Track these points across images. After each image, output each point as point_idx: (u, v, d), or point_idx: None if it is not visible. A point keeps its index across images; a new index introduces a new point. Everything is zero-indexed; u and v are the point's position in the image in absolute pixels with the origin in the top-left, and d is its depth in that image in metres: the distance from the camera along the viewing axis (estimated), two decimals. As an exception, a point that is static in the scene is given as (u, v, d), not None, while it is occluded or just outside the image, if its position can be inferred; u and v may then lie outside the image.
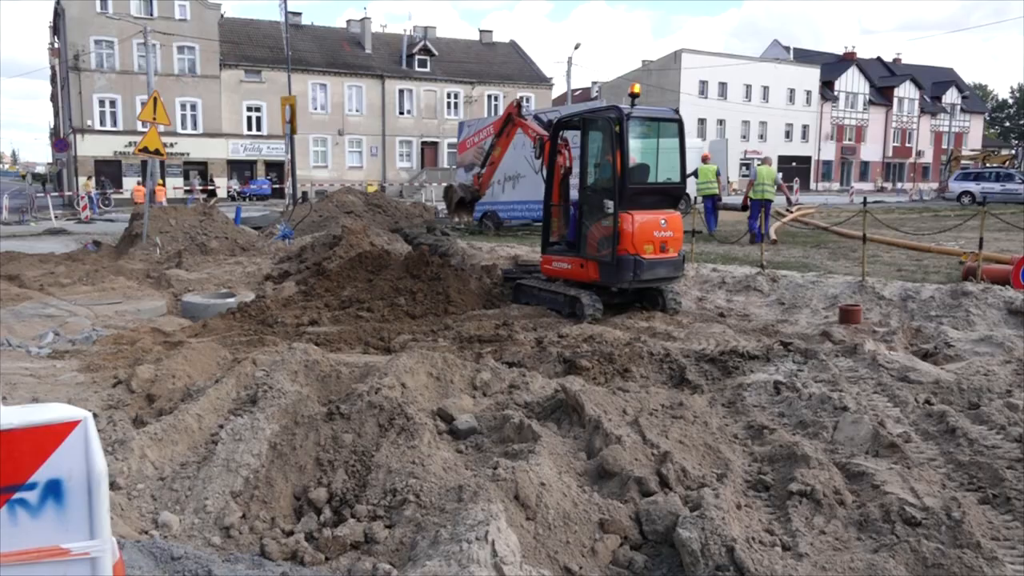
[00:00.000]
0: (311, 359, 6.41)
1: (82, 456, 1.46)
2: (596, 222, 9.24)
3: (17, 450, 1.43)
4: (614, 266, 8.94)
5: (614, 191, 8.89)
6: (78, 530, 1.46)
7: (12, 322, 10.15)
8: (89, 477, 1.47)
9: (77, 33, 46.21)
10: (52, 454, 1.44)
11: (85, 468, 1.47)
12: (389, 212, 20.74)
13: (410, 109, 56.72)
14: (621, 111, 8.95)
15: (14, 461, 1.42)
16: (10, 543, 1.42)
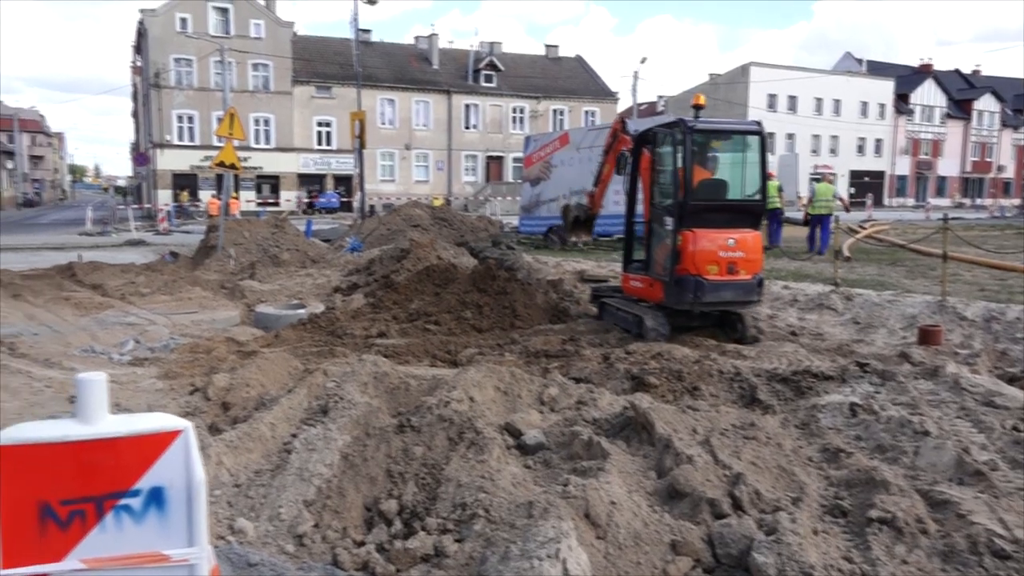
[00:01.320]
0: (380, 371, 6.48)
1: (183, 465, 1.51)
2: (661, 240, 8.94)
3: (123, 458, 1.48)
4: (674, 286, 8.55)
5: (674, 207, 8.56)
6: (178, 537, 1.50)
7: (96, 329, 10.56)
8: (189, 485, 1.51)
9: (158, 52, 48.06)
10: (155, 462, 1.49)
11: (185, 476, 1.51)
12: (455, 226, 20.93)
13: (476, 124, 57.25)
14: (684, 123, 8.57)
15: (120, 468, 1.47)
16: (115, 548, 1.47)
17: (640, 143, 9.61)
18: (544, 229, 22.79)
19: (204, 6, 48.82)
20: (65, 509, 1.45)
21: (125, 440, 1.49)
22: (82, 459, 1.45)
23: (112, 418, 1.53)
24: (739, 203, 8.84)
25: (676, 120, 8.95)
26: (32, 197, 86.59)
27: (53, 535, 1.45)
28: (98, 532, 1.48)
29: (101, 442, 1.47)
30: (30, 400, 6.21)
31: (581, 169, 21.89)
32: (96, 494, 1.47)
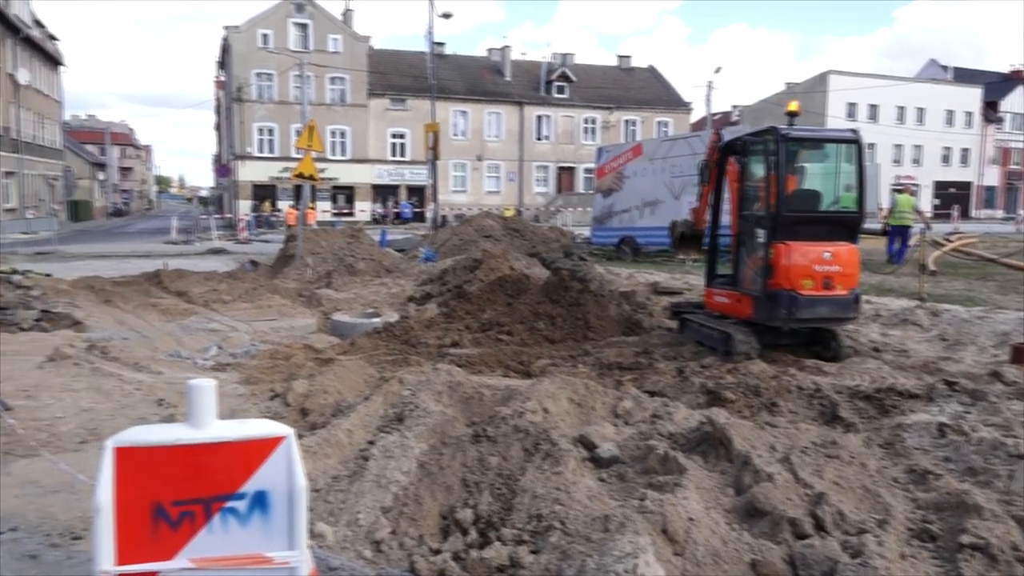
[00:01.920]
0: (455, 380, 6.53)
1: (285, 470, 1.56)
2: (750, 254, 8.59)
3: (230, 462, 1.54)
4: (765, 302, 8.18)
5: (767, 219, 8.22)
6: (279, 540, 1.55)
7: (181, 335, 10.93)
8: (291, 490, 1.56)
9: (241, 67, 49.67)
10: (260, 467, 1.55)
11: (288, 482, 1.56)
12: (526, 236, 20.99)
13: (547, 135, 57.39)
14: (777, 131, 8.20)
15: (227, 472, 1.53)
16: (221, 548, 1.53)
17: (726, 153, 9.35)
18: (616, 240, 22.69)
19: (285, 22, 50.28)
20: (176, 510, 1.51)
21: (232, 445, 1.54)
22: (192, 462, 1.52)
23: (220, 423, 1.58)
24: (835, 215, 8.46)
25: (768, 128, 8.62)
26: (121, 207, 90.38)
27: (164, 534, 1.51)
28: (206, 533, 1.54)
29: (210, 446, 1.53)
30: (121, 402, 6.46)
31: (654, 180, 21.74)
32: (205, 496, 1.53)
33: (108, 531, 1.47)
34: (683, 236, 10.60)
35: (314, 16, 50.93)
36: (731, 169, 9.24)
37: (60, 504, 4.19)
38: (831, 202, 8.56)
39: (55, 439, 5.31)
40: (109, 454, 1.50)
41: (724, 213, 9.73)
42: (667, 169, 21.30)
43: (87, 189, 71.42)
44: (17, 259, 22.41)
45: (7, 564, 3.49)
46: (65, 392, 6.61)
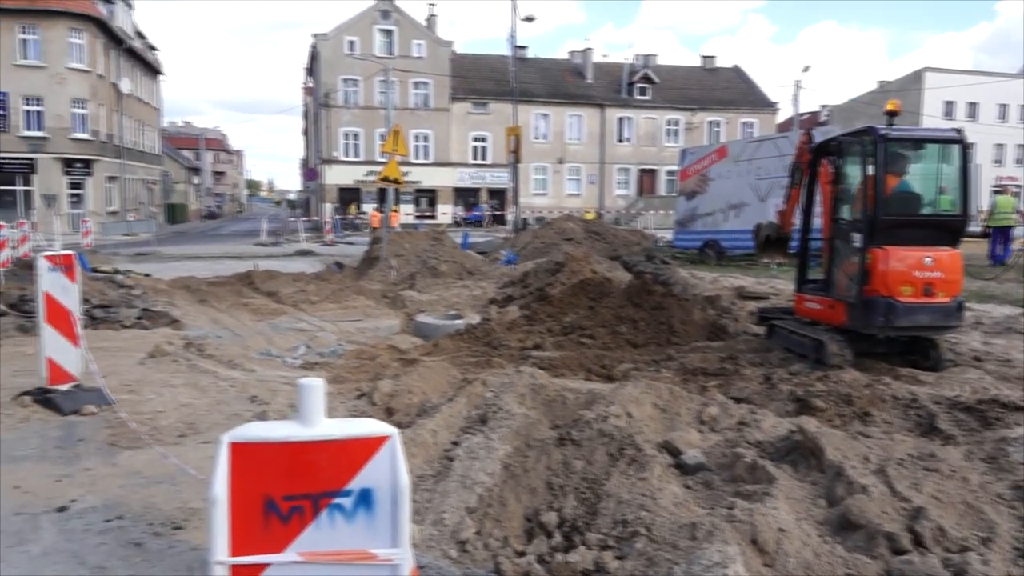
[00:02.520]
0: (537, 383, 6.54)
1: (389, 469, 1.59)
2: (845, 258, 8.25)
3: (338, 459, 1.58)
4: (861, 308, 7.85)
5: (864, 223, 7.88)
6: (383, 538, 1.59)
7: (271, 334, 11.28)
8: (395, 489, 1.59)
9: (328, 73, 50.97)
10: (365, 465, 1.59)
11: (391, 480, 1.60)
12: (608, 239, 20.88)
13: (629, 137, 56.98)
14: (875, 131, 7.86)
15: (334, 469, 1.58)
16: (328, 543, 1.58)
17: (819, 154, 9.04)
18: (700, 243, 22.35)
19: (370, 29, 51.38)
20: (286, 504, 1.57)
21: (340, 443, 1.59)
22: (302, 459, 1.57)
23: (328, 422, 1.63)
24: (937, 218, 8.08)
25: (866, 128, 8.28)
26: (214, 210, 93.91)
27: (275, 528, 1.57)
28: (314, 528, 1.59)
29: (319, 444, 1.58)
30: (217, 398, 6.70)
31: (739, 182, 21.33)
32: (313, 492, 1.58)
33: (223, 523, 1.53)
34: (768, 239, 10.33)
35: (399, 22, 51.87)
36: (824, 171, 8.92)
37: (162, 495, 4.38)
38: (932, 205, 8.15)
39: (156, 432, 5.54)
40: (224, 449, 1.57)
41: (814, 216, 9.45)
42: (753, 171, 20.87)
43: (183, 193, 74.49)
44: (119, 259, 23.53)
45: (113, 551, 3.67)
46: (165, 387, 6.89)
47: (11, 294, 12.29)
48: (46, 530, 3.91)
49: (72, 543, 3.74)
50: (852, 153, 8.46)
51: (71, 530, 3.90)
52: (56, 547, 3.71)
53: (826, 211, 8.84)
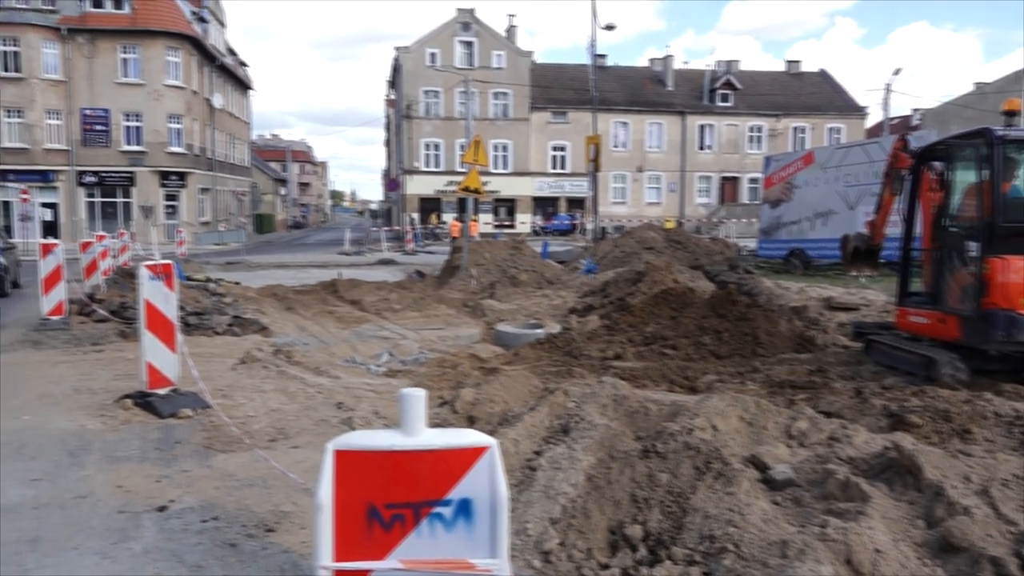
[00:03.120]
0: (620, 394, 6.48)
1: (489, 479, 1.60)
2: (957, 269, 7.81)
3: (438, 469, 1.60)
4: (978, 322, 7.36)
5: (980, 230, 7.42)
6: (482, 548, 1.60)
7: (355, 341, 11.52)
8: (494, 499, 1.60)
9: (410, 85, 51.91)
10: (465, 475, 1.60)
11: (490, 490, 1.61)
12: (689, 248, 20.59)
13: (710, 144, 56.15)
14: (991, 133, 7.42)
15: (435, 478, 1.60)
16: (428, 552, 1.60)
17: (923, 158, 8.60)
18: (785, 252, 21.82)
19: (451, 41, 52.12)
20: (388, 512, 1.60)
21: (441, 452, 1.61)
22: (404, 467, 1.59)
23: (430, 431, 1.66)
24: None
25: (980, 130, 7.81)
26: (299, 220, 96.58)
27: (377, 535, 1.60)
28: (415, 536, 1.61)
29: (421, 453, 1.60)
30: (305, 404, 6.88)
31: (827, 190, 20.75)
32: (414, 501, 1.61)
33: (327, 529, 1.57)
34: (856, 251, 9.87)
35: (479, 34, 52.46)
36: (927, 176, 8.48)
37: (255, 497, 4.51)
38: None
39: (248, 436, 5.72)
40: (329, 456, 1.61)
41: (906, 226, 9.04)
42: (841, 178, 20.28)
43: (270, 203, 76.90)
44: (210, 268, 24.42)
45: (210, 551, 3.79)
46: (256, 392, 7.11)
47: (112, 301, 12.91)
48: (147, 528, 4.08)
49: (172, 542, 3.89)
50: (963, 157, 8.00)
51: (170, 529, 4.05)
52: (157, 545, 3.86)
53: (927, 219, 8.41)
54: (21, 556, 3.80)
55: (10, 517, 4.29)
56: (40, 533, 4.06)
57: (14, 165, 41.25)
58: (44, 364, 8.96)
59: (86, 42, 41.90)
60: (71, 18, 41.62)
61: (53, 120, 41.85)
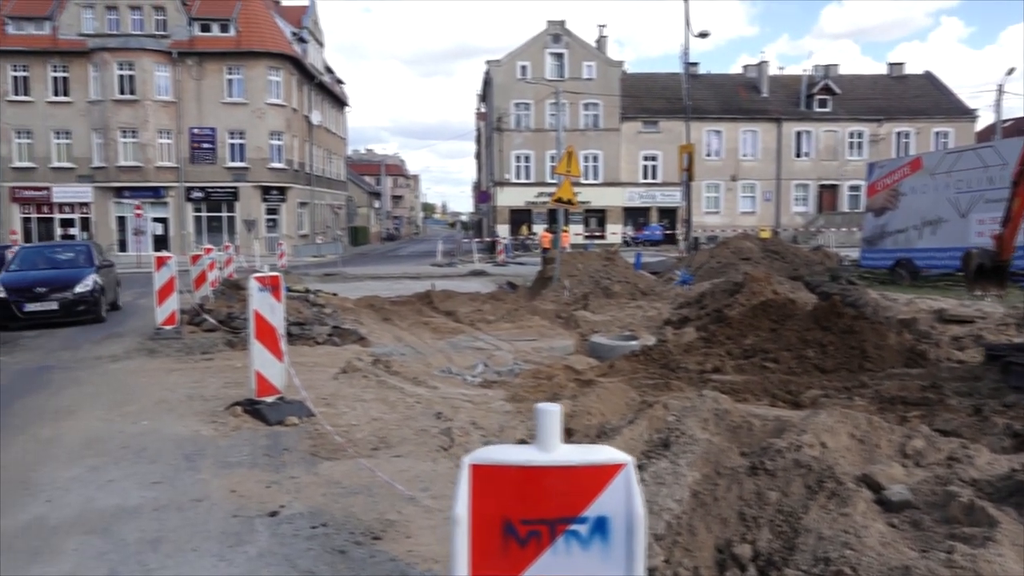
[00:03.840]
0: (721, 408, 6.32)
1: (625, 497, 1.58)
2: None
3: (574, 485, 1.59)
4: None
5: None
6: (617, 567, 1.57)
7: (450, 352, 11.64)
8: (630, 518, 1.58)
9: (501, 98, 52.41)
10: (601, 493, 1.58)
11: (627, 509, 1.58)
12: (787, 259, 20.01)
13: (807, 151, 54.59)
14: None
15: (571, 495, 1.59)
16: (563, 570, 1.58)
17: None
18: (890, 263, 20.94)
19: (542, 53, 52.40)
20: (524, 528, 1.59)
21: (577, 469, 1.60)
22: (540, 483, 1.59)
23: (566, 447, 1.64)
24: None
25: None
26: (393, 232, 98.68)
27: (513, 551, 1.59)
28: (550, 554, 1.60)
29: (557, 469, 1.59)
30: (405, 413, 6.98)
31: (936, 197, 19.83)
32: (550, 517, 1.59)
33: (463, 544, 1.57)
34: (981, 269, 9.20)
35: (569, 45, 52.57)
36: None
37: (360, 505, 4.59)
38: None
39: (352, 445, 5.84)
40: (466, 470, 1.61)
41: None
42: (952, 184, 19.35)
43: (365, 216, 78.85)
44: (309, 279, 25.17)
45: (320, 556, 3.88)
46: (357, 402, 7.26)
47: (220, 311, 13.45)
48: (260, 533, 4.20)
49: (284, 547, 4.00)
50: None
51: (282, 534, 4.17)
52: (270, 550, 3.98)
53: None
54: (144, 556, 3.98)
55: (133, 518, 4.50)
56: (161, 534, 4.24)
57: (129, 182, 43.64)
58: (159, 372, 9.41)
59: (194, 64, 44.04)
60: (181, 42, 43.83)
61: (164, 139, 44.09)
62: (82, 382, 8.93)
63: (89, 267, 15.52)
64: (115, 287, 17.36)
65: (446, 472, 5.27)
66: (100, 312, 14.99)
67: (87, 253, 16.33)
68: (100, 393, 8.23)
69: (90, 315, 14.67)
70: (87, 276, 15.02)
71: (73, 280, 14.77)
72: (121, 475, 5.31)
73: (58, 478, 5.30)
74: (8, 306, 14.02)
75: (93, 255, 16.21)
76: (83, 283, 14.77)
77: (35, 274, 15.16)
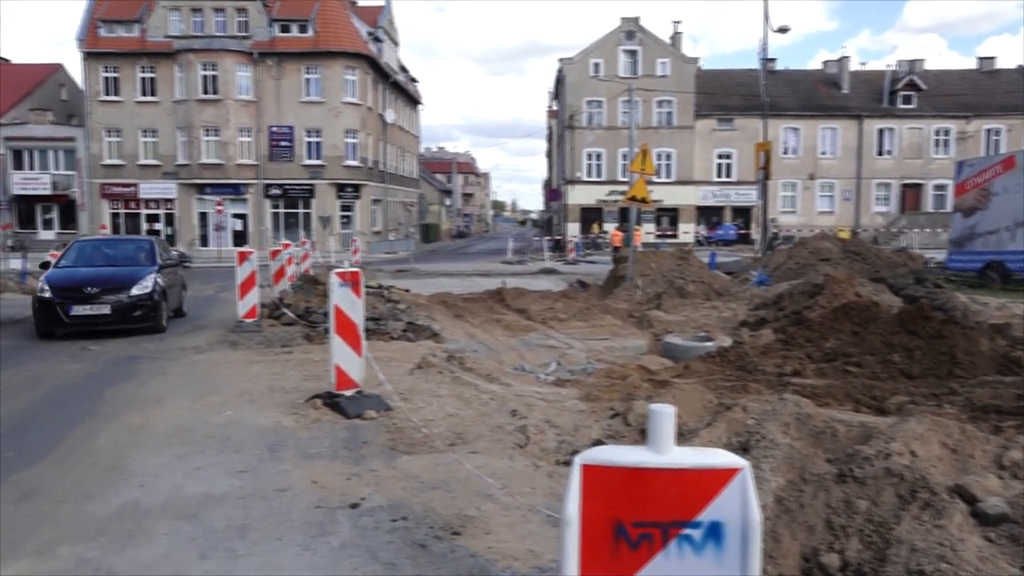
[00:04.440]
0: (803, 412, 6.16)
1: (740, 502, 1.54)
2: None
3: (688, 489, 1.56)
4: None
5: None
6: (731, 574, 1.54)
7: (523, 350, 11.64)
8: (745, 524, 1.54)
9: (573, 95, 52.25)
10: (716, 497, 1.55)
11: (742, 515, 1.54)
12: (869, 260, 19.40)
13: (890, 149, 52.83)
14: None
15: (684, 499, 1.56)
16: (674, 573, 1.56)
17: None
18: (980, 265, 20.09)
19: (615, 50, 52.00)
20: (636, 531, 1.57)
21: (691, 472, 1.57)
22: (653, 486, 1.56)
23: (679, 450, 1.62)
24: None
25: None
26: (463, 229, 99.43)
27: (624, 554, 1.57)
28: (662, 558, 1.57)
29: (670, 472, 1.56)
30: (480, 410, 7.01)
31: (1029, 196, 18.94)
32: (663, 520, 1.57)
33: (574, 544, 1.56)
34: None
35: (643, 42, 52.03)
36: None
37: (439, 500, 4.63)
38: None
39: (428, 440, 5.89)
40: (577, 470, 1.60)
41: None
42: (1051, 183, 18.47)
43: (436, 213, 79.67)
44: (381, 276, 25.55)
45: (401, 550, 3.92)
46: (433, 397, 7.33)
47: (298, 306, 13.76)
48: (342, 524, 4.28)
49: (365, 539, 4.06)
50: None
51: (363, 526, 4.23)
52: (352, 541, 4.04)
53: None
54: (231, 542, 4.09)
55: (220, 505, 4.64)
56: (247, 522, 4.35)
57: (211, 179, 45.05)
58: (241, 363, 9.67)
59: (274, 64, 45.17)
60: (261, 43, 45.00)
61: (244, 137, 45.35)
62: (168, 372, 9.24)
63: (150, 265, 13.30)
64: (180, 291, 15.12)
65: (522, 470, 5.27)
66: (160, 319, 12.86)
67: (149, 250, 14.04)
68: (185, 383, 8.51)
69: (148, 322, 12.58)
70: (146, 276, 12.78)
71: (130, 280, 12.61)
72: (207, 463, 5.47)
73: (148, 465, 5.49)
74: (52, 308, 12.05)
75: (156, 252, 13.94)
76: (141, 284, 12.58)
77: (87, 272, 13.06)
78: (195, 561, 3.87)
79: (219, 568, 3.79)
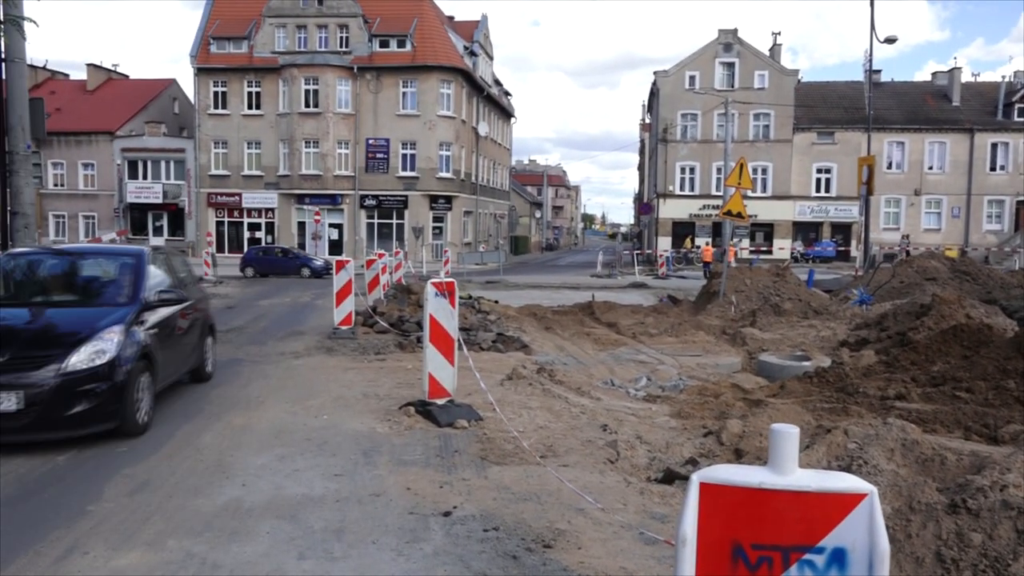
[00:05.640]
0: (910, 438, 5.90)
1: (867, 529, 1.49)
2: None
3: (811, 513, 1.52)
4: None
5: None
6: None
7: (612, 364, 11.55)
8: (872, 552, 1.49)
9: (668, 108, 51.71)
10: (840, 523, 1.50)
11: (868, 542, 1.49)
12: (980, 281, 18.44)
13: (1004, 164, 50.21)
14: None
15: (806, 523, 1.52)
16: None
17: None
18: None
19: (712, 63, 51.22)
20: (755, 553, 1.53)
21: (814, 496, 1.52)
22: (773, 507, 1.52)
23: (802, 472, 1.57)
24: None
25: None
26: (552, 242, 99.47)
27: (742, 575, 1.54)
28: None
29: (792, 495, 1.52)
30: (570, 423, 6.98)
31: None
32: (784, 544, 1.53)
33: (690, 563, 1.53)
34: None
35: (741, 54, 51.09)
36: None
37: (530, 511, 4.62)
38: None
39: (519, 451, 5.90)
40: (694, 488, 1.57)
41: None
42: None
43: (526, 226, 79.99)
44: (472, 286, 25.81)
45: (493, 560, 3.93)
46: (523, 409, 7.34)
47: (391, 314, 14.03)
48: (435, 531, 4.32)
49: (457, 547, 4.09)
50: None
51: (456, 535, 4.26)
52: (444, 549, 4.08)
53: None
54: (328, 544, 4.18)
55: (318, 507, 4.75)
56: (344, 525, 4.45)
57: (310, 190, 46.51)
58: (336, 369, 9.92)
59: (373, 79, 46.37)
60: (361, 58, 46.28)
61: (342, 150, 46.67)
62: (269, 376, 9.56)
63: (123, 306, 7.01)
64: (200, 340, 8.95)
65: (613, 485, 5.22)
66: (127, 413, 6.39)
67: (131, 273, 7.49)
68: (285, 387, 8.78)
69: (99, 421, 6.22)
70: (105, 331, 6.48)
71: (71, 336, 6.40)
72: (306, 465, 5.63)
73: (250, 464, 5.68)
74: None
75: (142, 279, 7.41)
76: (92, 345, 6.33)
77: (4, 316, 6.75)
78: (294, 561, 3.98)
79: (317, 568, 3.88)
